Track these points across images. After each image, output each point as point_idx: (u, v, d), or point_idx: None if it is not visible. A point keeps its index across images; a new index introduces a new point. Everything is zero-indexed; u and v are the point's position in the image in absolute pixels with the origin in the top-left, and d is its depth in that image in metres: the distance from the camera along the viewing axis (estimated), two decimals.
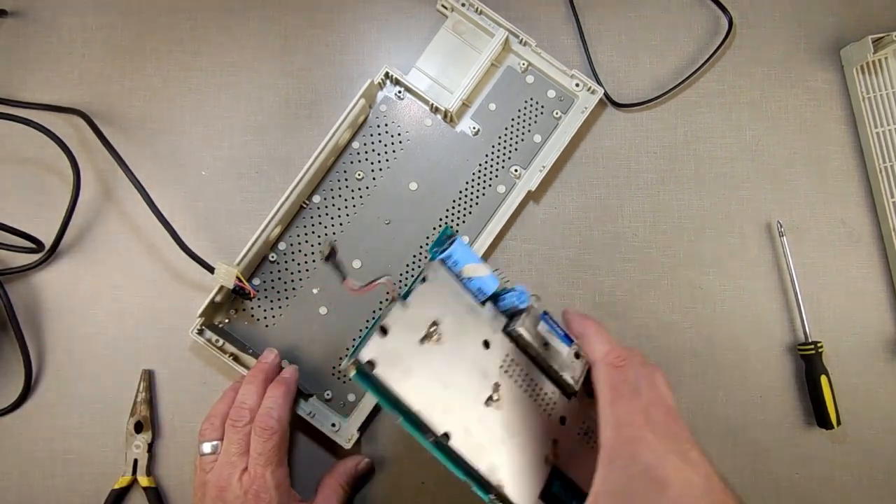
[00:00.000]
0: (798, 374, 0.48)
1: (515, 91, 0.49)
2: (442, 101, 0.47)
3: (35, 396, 0.47)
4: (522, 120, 0.48)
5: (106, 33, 0.50)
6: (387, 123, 0.48)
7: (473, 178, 0.48)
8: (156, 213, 0.43)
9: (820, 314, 0.49)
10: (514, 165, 0.48)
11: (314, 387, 0.46)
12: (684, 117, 0.50)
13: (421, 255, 0.47)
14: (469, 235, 0.48)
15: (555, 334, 0.37)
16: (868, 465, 0.48)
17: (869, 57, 0.47)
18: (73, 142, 0.46)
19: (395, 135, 0.48)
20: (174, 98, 0.50)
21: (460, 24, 0.49)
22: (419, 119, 0.48)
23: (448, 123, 0.48)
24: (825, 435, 0.48)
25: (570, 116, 0.48)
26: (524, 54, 0.48)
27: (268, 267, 0.47)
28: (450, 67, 0.49)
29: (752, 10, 0.51)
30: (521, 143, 0.48)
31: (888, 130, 0.49)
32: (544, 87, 0.49)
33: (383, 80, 0.47)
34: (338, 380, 0.46)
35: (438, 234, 0.38)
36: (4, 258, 0.48)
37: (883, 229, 0.49)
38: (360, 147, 0.48)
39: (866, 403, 0.48)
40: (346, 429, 0.46)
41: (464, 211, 0.48)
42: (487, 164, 0.48)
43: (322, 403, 0.46)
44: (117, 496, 0.46)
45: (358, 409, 0.46)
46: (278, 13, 0.50)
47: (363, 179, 0.48)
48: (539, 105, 0.48)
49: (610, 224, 0.49)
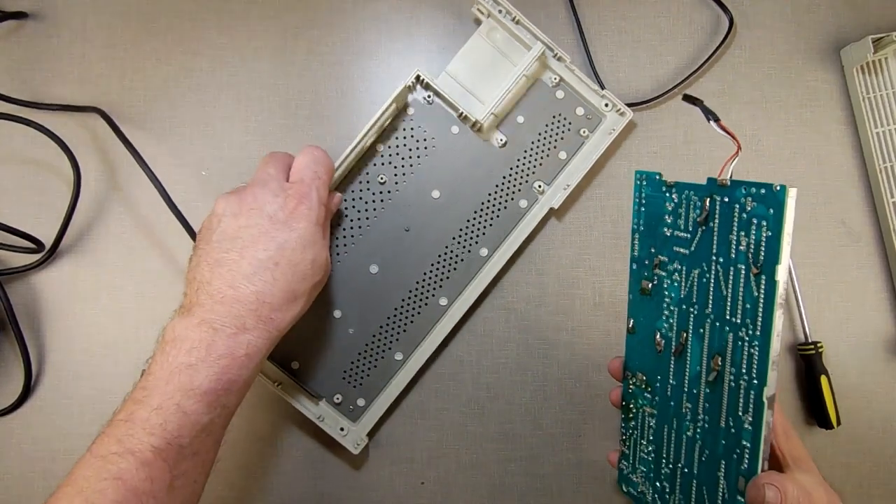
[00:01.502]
0: (798, 374, 0.48)
1: (544, 105, 0.48)
2: (473, 111, 0.46)
3: (35, 397, 0.47)
4: (549, 135, 0.48)
5: (106, 34, 0.50)
6: (413, 128, 0.47)
7: (497, 190, 0.47)
8: (172, 207, 0.43)
9: (820, 314, 0.49)
10: (538, 181, 0.48)
11: (324, 390, 0.46)
12: (684, 117, 0.50)
13: (439, 264, 0.47)
14: (488, 248, 0.47)
15: None
16: (868, 465, 0.48)
17: (869, 57, 0.47)
18: (76, 141, 0.46)
19: (421, 140, 0.47)
20: (174, 98, 0.50)
21: (495, 30, 0.48)
22: (446, 126, 0.47)
23: (476, 133, 0.48)
24: (825, 435, 0.48)
25: (596, 136, 0.48)
26: (557, 69, 0.48)
27: None
28: (481, 75, 0.48)
29: (753, 10, 0.51)
30: (546, 158, 0.48)
31: (888, 130, 0.49)
32: (573, 104, 0.48)
33: (413, 83, 0.46)
34: (348, 384, 0.46)
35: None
36: (4, 258, 0.48)
37: (883, 229, 0.49)
38: (384, 150, 0.47)
39: (866, 403, 0.48)
40: (355, 433, 0.46)
41: (485, 223, 0.47)
42: (512, 177, 0.48)
43: (331, 407, 0.46)
44: None
45: (367, 414, 0.46)
46: (278, 13, 0.50)
47: (385, 184, 0.47)
48: (567, 122, 0.48)
49: (610, 224, 0.49)
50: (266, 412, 0.48)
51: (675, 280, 0.34)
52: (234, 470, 0.47)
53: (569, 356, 0.48)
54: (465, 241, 0.47)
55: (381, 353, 0.47)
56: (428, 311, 0.47)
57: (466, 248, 0.47)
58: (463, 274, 0.47)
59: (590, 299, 0.49)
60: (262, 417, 0.48)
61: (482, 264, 0.47)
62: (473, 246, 0.47)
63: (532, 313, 0.49)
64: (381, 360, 0.47)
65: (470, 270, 0.47)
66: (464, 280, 0.47)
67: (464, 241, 0.47)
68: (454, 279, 0.47)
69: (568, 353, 0.48)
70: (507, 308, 0.49)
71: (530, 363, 0.48)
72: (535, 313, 0.49)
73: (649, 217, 0.36)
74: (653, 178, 0.35)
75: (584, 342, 0.48)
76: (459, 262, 0.47)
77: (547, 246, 0.49)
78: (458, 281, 0.47)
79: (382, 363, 0.47)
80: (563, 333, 0.48)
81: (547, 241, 0.49)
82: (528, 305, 0.49)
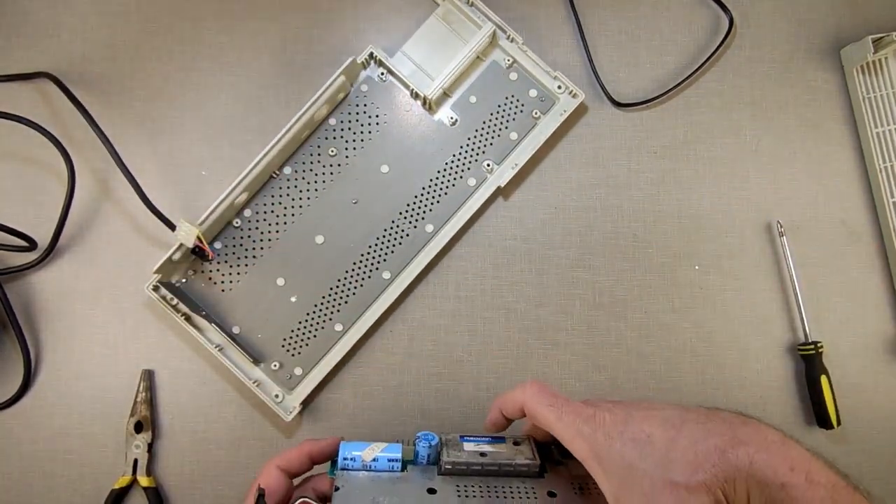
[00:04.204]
0: (798, 374, 0.48)
1: (497, 86, 0.48)
2: (423, 88, 0.47)
3: (35, 396, 0.47)
4: (501, 116, 0.48)
5: (106, 34, 0.50)
6: (366, 104, 0.48)
7: (446, 167, 0.48)
8: (120, 165, 0.43)
9: (820, 314, 0.49)
10: (488, 160, 0.48)
11: (263, 356, 0.46)
12: (684, 117, 0.50)
13: (384, 238, 0.47)
14: (434, 224, 0.48)
15: (483, 443, 0.35)
16: (868, 465, 0.48)
17: (869, 57, 0.47)
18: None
19: (373, 116, 0.48)
20: (174, 98, 0.50)
21: (451, 13, 0.48)
22: (398, 103, 0.48)
23: (427, 111, 0.48)
24: (825, 435, 0.48)
25: (548, 118, 0.48)
26: (510, 50, 0.48)
27: (231, 232, 0.47)
28: (436, 56, 0.48)
29: (753, 10, 0.51)
30: (497, 138, 0.48)
31: (888, 130, 0.49)
32: (527, 86, 0.48)
33: (367, 60, 0.47)
34: (287, 352, 0.47)
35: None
36: (3, 258, 0.48)
37: (883, 229, 0.49)
38: (336, 124, 0.48)
39: (866, 403, 0.48)
40: (289, 401, 0.46)
41: (432, 199, 0.48)
42: (461, 155, 0.48)
43: (269, 373, 0.46)
44: (117, 496, 0.46)
45: (303, 384, 0.46)
46: (278, 13, 0.50)
47: (336, 156, 0.48)
48: (519, 103, 0.48)
49: (610, 224, 0.49)
50: (209, 381, 0.48)
51: None
52: None
53: (568, 356, 0.48)
54: (411, 216, 0.48)
55: (321, 323, 0.47)
56: (371, 284, 0.47)
57: (412, 223, 0.48)
58: (407, 249, 0.47)
59: (590, 299, 0.49)
60: (207, 391, 0.48)
61: (427, 240, 0.48)
62: (420, 221, 0.48)
63: (532, 313, 0.49)
64: (322, 331, 0.47)
65: (414, 246, 0.47)
66: (408, 255, 0.47)
67: (410, 216, 0.48)
68: (398, 253, 0.47)
69: (567, 354, 0.48)
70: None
71: (529, 363, 0.48)
72: (534, 313, 0.49)
73: None
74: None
75: (584, 342, 0.48)
76: (405, 236, 0.47)
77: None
78: (402, 255, 0.47)
79: (322, 333, 0.47)
80: (563, 334, 0.48)
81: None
82: (528, 305, 0.49)
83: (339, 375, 0.48)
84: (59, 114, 0.49)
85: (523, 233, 0.49)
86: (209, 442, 0.47)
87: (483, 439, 0.36)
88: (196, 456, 0.47)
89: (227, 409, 0.48)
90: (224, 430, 0.47)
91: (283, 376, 0.46)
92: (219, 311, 0.46)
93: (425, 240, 0.47)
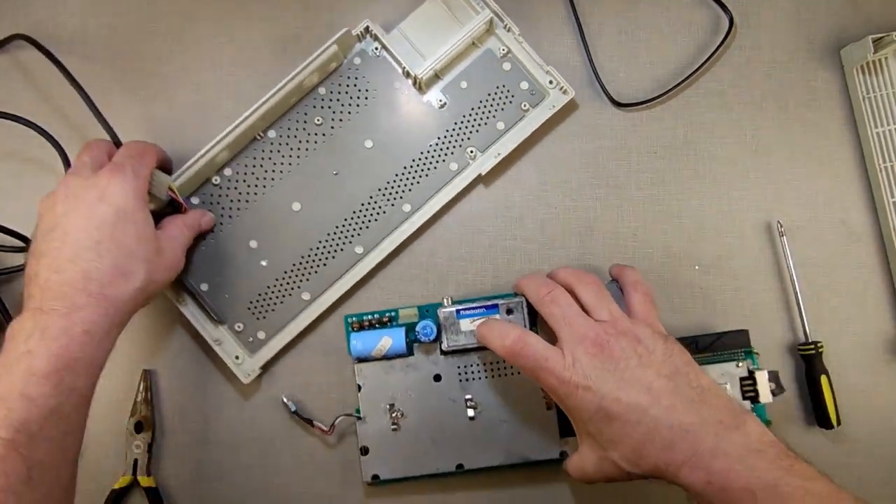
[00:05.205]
0: (798, 374, 0.48)
1: (490, 75, 0.48)
2: (414, 67, 0.47)
3: None
4: (490, 104, 0.48)
5: (105, 34, 0.50)
6: (357, 77, 0.48)
7: (429, 149, 0.48)
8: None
9: (820, 314, 0.49)
10: (472, 147, 0.48)
11: (228, 316, 0.46)
12: (684, 117, 0.50)
13: (361, 212, 0.47)
14: (411, 204, 0.48)
15: (477, 316, 0.40)
16: (868, 465, 0.48)
17: (869, 57, 0.47)
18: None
19: (363, 90, 0.48)
20: (174, 98, 0.50)
21: None
22: (389, 79, 0.48)
23: (417, 90, 0.48)
24: (825, 435, 0.48)
25: (537, 111, 0.48)
26: (506, 40, 0.48)
27: (210, 189, 0.47)
28: (432, 37, 0.48)
29: (753, 10, 0.51)
30: (483, 126, 0.48)
31: (888, 130, 0.49)
32: (519, 78, 0.48)
33: (363, 33, 0.47)
34: (252, 315, 0.47)
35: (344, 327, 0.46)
36: (3, 258, 0.48)
37: (883, 229, 0.49)
38: (325, 94, 0.48)
39: (866, 403, 0.48)
40: (249, 364, 0.46)
41: (412, 180, 0.48)
42: (446, 139, 0.48)
43: (231, 334, 0.46)
44: (117, 496, 0.46)
45: (265, 348, 0.47)
46: (278, 13, 0.50)
47: (321, 125, 0.48)
48: (510, 94, 0.48)
49: (610, 224, 0.49)
50: (210, 381, 0.48)
51: None
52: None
53: None
54: (390, 194, 0.48)
55: (289, 290, 0.47)
56: (342, 257, 0.47)
57: (390, 201, 0.48)
58: (382, 226, 0.47)
59: None
60: (207, 391, 0.48)
61: (403, 220, 0.47)
62: (397, 200, 0.48)
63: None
64: (288, 298, 0.47)
65: (390, 224, 0.47)
66: (382, 232, 0.47)
67: (389, 194, 0.48)
68: (373, 230, 0.47)
69: None
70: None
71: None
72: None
73: None
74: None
75: None
76: (381, 213, 0.47)
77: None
78: (376, 232, 0.47)
79: (289, 300, 0.47)
80: None
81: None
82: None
83: (302, 342, 0.48)
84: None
85: (523, 233, 0.49)
86: (209, 442, 0.47)
87: (478, 312, 0.43)
88: (196, 456, 0.47)
89: (227, 410, 0.48)
90: (224, 430, 0.47)
91: (245, 338, 0.46)
92: (188, 266, 0.46)
93: (401, 219, 0.47)
